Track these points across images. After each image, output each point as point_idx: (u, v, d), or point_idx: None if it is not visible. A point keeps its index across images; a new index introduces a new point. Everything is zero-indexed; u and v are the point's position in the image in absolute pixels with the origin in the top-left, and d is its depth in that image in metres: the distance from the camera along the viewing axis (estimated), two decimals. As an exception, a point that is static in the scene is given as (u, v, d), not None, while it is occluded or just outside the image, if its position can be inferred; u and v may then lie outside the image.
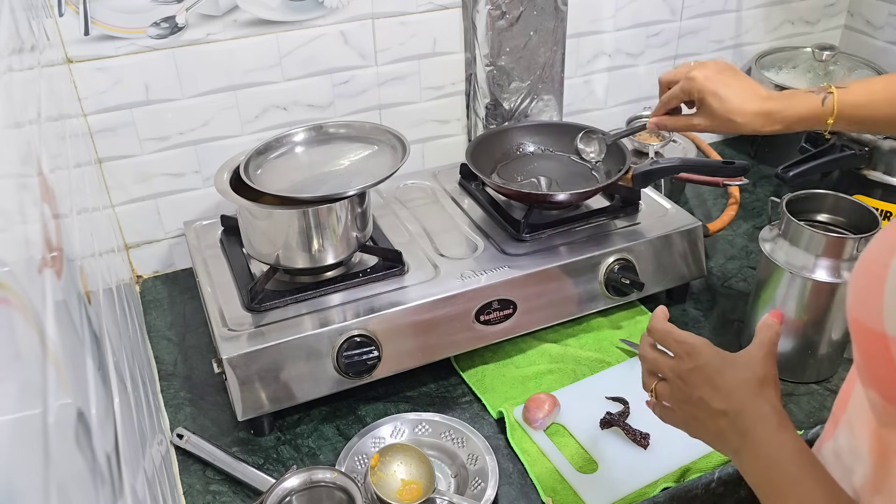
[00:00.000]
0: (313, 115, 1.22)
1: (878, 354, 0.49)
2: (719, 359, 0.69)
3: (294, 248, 0.97)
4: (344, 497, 0.80)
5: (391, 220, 1.14)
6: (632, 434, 0.92)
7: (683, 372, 0.70)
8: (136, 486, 0.57)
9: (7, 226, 0.39)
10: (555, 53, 1.32)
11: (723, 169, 1.07)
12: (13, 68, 0.56)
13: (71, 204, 0.68)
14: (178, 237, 1.24)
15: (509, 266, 1.02)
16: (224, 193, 0.97)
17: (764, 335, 0.70)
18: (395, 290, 0.99)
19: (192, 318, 1.16)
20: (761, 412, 0.65)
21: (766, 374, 0.68)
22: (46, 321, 0.41)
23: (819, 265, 0.94)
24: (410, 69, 1.26)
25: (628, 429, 0.92)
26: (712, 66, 0.95)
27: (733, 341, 1.09)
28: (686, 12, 1.44)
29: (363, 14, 1.18)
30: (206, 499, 0.88)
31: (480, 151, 1.18)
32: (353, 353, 0.92)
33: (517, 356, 1.06)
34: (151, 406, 0.88)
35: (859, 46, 1.57)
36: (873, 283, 0.49)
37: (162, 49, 1.09)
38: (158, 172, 1.18)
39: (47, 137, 0.64)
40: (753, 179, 1.47)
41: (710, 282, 1.21)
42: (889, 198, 1.22)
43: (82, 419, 0.44)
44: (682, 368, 0.70)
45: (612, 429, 0.94)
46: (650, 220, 1.12)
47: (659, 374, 0.73)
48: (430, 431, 0.94)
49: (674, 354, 0.72)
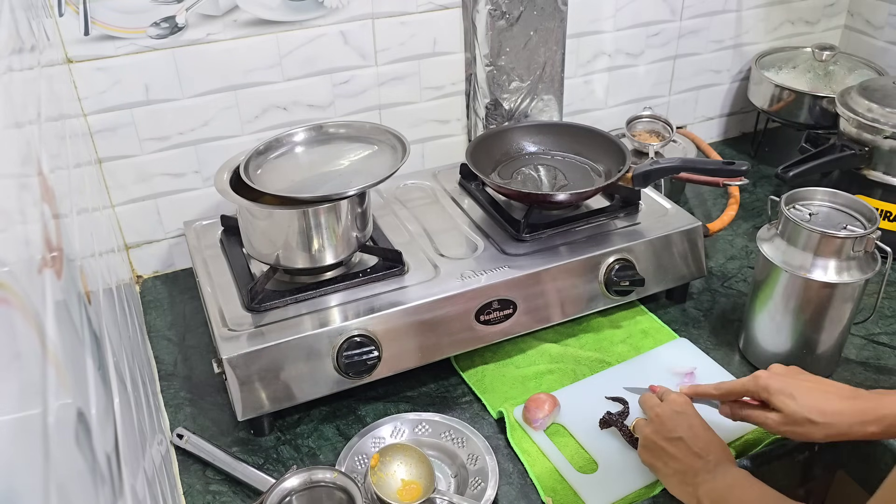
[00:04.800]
0: (313, 115, 1.22)
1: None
2: (701, 420, 0.82)
3: (294, 248, 0.97)
4: (344, 497, 0.80)
5: (391, 220, 1.14)
6: (627, 435, 0.91)
7: (668, 413, 0.82)
8: (136, 486, 0.57)
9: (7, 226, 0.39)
10: (555, 53, 1.32)
11: (723, 169, 1.07)
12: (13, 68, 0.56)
13: (71, 204, 0.68)
14: (178, 237, 1.24)
15: (509, 266, 1.02)
16: (224, 193, 0.97)
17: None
18: (395, 290, 0.99)
19: (192, 318, 1.16)
20: (733, 465, 0.77)
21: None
22: (46, 321, 0.41)
23: (816, 265, 0.94)
24: (410, 69, 1.26)
25: (625, 429, 0.92)
26: (781, 369, 0.84)
27: (733, 341, 1.09)
28: (686, 12, 1.44)
29: (363, 14, 1.18)
30: (206, 499, 0.88)
31: (480, 151, 1.18)
32: (353, 353, 0.92)
33: (517, 356, 1.06)
34: (151, 406, 0.88)
35: (859, 46, 1.57)
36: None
37: (162, 49, 1.09)
38: (158, 172, 1.18)
39: (47, 137, 0.64)
40: (753, 179, 1.48)
41: (710, 282, 1.21)
42: (889, 198, 1.22)
43: (82, 419, 0.44)
44: (668, 411, 0.83)
45: (611, 429, 0.94)
46: (650, 220, 1.12)
47: (646, 414, 0.86)
48: (430, 431, 0.94)
49: (664, 401, 0.85)
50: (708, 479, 0.75)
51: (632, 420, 0.92)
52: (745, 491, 0.73)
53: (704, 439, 0.79)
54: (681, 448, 0.79)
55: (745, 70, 1.57)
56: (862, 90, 1.25)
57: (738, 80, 1.58)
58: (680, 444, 0.79)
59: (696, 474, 0.76)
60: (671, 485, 0.80)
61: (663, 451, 0.81)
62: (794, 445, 0.93)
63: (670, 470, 0.80)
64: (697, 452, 0.78)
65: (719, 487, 0.74)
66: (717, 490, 0.74)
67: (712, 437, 0.80)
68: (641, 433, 0.85)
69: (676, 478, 0.79)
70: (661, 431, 0.82)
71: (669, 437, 0.81)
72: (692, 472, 0.77)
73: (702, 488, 0.75)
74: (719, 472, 0.75)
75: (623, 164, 1.10)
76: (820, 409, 0.77)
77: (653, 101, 1.51)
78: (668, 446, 0.80)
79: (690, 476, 0.77)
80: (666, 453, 0.80)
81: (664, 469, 0.81)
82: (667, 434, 0.81)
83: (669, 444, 0.80)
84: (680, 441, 0.80)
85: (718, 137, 1.65)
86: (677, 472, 0.79)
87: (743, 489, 0.73)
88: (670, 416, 0.82)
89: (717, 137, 1.65)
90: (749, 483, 0.74)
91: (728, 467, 0.76)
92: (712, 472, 0.76)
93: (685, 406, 0.83)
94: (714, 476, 0.75)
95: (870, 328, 1.10)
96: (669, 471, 0.80)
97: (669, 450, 0.80)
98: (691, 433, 0.80)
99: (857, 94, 1.24)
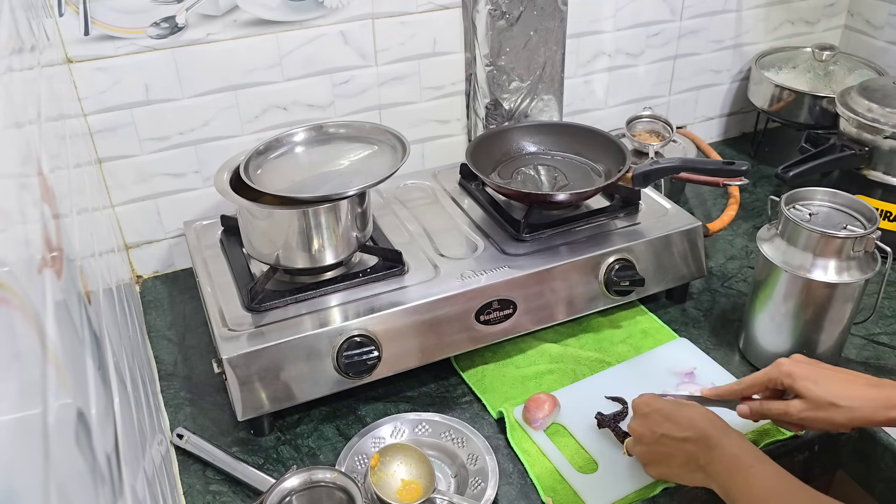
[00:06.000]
0: (313, 115, 1.22)
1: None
2: (671, 403, 0.82)
3: (294, 248, 0.97)
4: (344, 497, 0.80)
5: (391, 220, 1.14)
6: (619, 436, 0.91)
7: (639, 421, 0.82)
8: (136, 486, 0.57)
9: (7, 226, 0.39)
10: (555, 53, 1.32)
11: (723, 169, 1.07)
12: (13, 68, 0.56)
13: (71, 204, 0.68)
14: (178, 237, 1.24)
15: (509, 266, 1.02)
16: (224, 193, 0.97)
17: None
18: (395, 290, 0.99)
19: (192, 318, 1.16)
20: (726, 430, 0.77)
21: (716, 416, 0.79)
22: (46, 321, 0.41)
23: (817, 265, 0.94)
24: (410, 69, 1.26)
25: (617, 430, 0.92)
26: (803, 358, 0.83)
27: (733, 341, 1.09)
28: (686, 12, 1.44)
29: (363, 14, 1.18)
30: (206, 499, 0.88)
31: (480, 151, 1.18)
32: (353, 353, 0.92)
33: (517, 356, 1.06)
34: (151, 406, 0.88)
35: (859, 46, 1.57)
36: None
37: (162, 49, 1.09)
38: (158, 172, 1.18)
39: (47, 137, 0.64)
40: (753, 179, 1.48)
41: (710, 282, 1.21)
42: (889, 198, 1.22)
43: (82, 419, 0.44)
44: (638, 420, 0.83)
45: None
46: (650, 220, 1.12)
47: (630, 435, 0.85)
48: (430, 431, 0.94)
49: (633, 414, 0.85)
50: (711, 458, 0.74)
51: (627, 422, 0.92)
52: (749, 455, 0.73)
53: (684, 420, 0.78)
54: (668, 444, 0.78)
55: (745, 70, 1.57)
56: (862, 90, 1.25)
57: (738, 80, 1.59)
58: (666, 441, 0.79)
59: (697, 458, 0.75)
60: (687, 480, 0.78)
61: (658, 455, 0.80)
62: (795, 445, 0.93)
63: (676, 468, 0.78)
64: (684, 437, 0.77)
65: (724, 462, 0.73)
66: (723, 465, 0.73)
67: (689, 412, 0.79)
68: (634, 452, 0.85)
69: (685, 471, 0.77)
70: (644, 441, 0.81)
71: (654, 440, 0.80)
72: (692, 458, 0.76)
73: (709, 469, 0.74)
74: (714, 447, 0.74)
75: (623, 164, 1.10)
76: (844, 394, 0.77)
77: (653, 101, 1.51)
78: (658, 448, 0.80)
79: (693, 463, 0.76)
80: (662, 456, 0.80)
81: (671, 471, 0.80)
82: (650, 440, 0.81)
83: (658, 446, 0.80)
84: (664, 437, 0.79)
85: (718, 137, 1.65)
86: (682, 465, 0.77)
87: (746, 454, 0.73)
88: (641, 422, 0.82)
89: (717, 137, 1.65)
90: (748, 448, 0.74)
91: (720, 437, 0.75)
92: (709, 449, 0.75)
93: (649, 403, 0.82)
94: (711, 453, 0.74)
95: (870, 328, 1.10)
96: (676, 469, 0.79)
97: (661, 451, 0.79)
98: (668, 423, 0.79)
99: (857, 94, 1.24)
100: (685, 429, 0.77)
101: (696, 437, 0.76)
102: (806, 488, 0.69)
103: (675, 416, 0.79)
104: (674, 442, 0.78)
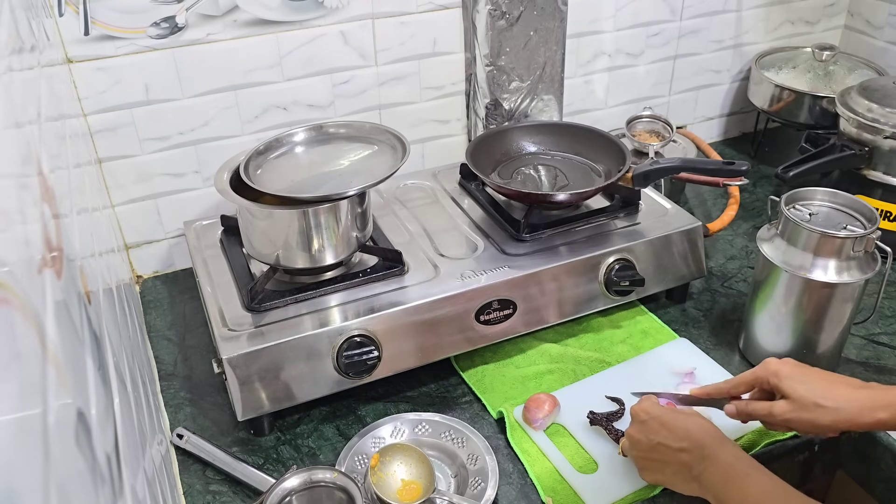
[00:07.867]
0: (313, 115, 1.22)
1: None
2: (669, 411, 0.82)
3: (294, 248, 0.97)
4: (344, 497, 0.80)
5: (391, 220, 1.14)
6: (613, 434, 0.91)
7: (637, 428, 0.82)
8: (136, 486, 0.57)
9: (7, 226, 0.39)
10: (555, 53, 1.32)
11: (723, 169, 1.07)
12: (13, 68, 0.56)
13: (71, 204, 0.68)
14: (178, 237, 1.24)
15: (509, 266, 1.02)
16: (224, 193, 0.97)
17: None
18: (395, 290, 0.99)
19: (192, 318, 1.16)
20: (722, 440, 0.77)
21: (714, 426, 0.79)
22: (46, 321, 0.41)
23: (816, 265, 0.94)
24: (410, 69, 1.26)
25: (610, 429, 0.92)
26: (792, 360, 0.83)
27: (733, 341, 1.09)
28: (686, 12, 1.44)
29: (363, 14, 1.18)
30: (206, 499, 0.88)
31: (480, 151, 1.18)
32: (353, 353, 0.92)
33: (517, 356, 1.06)
34: (151, 406, 0.88)
35: (859, 46, 1.57)
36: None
37: (162, 49, 1.09)
38: (158, 172, 1.18)
39: (47, 137, 0.64)
40: (753, 179, 1.48)
41: (710, 282, 1.21)
42: (889, 198, 1.22)
43: (82, 419, 0.44)
44: (636, 426, 0.83)
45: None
46: (650, 220, 1.12)
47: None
48: (430, 431, 0.94)
49: (631, 420, 0.85)
50: (705, 468, 0.75)
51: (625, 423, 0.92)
52: (744, 464, 0.73)
53: (680, 430, 0.78)
54: (664, 452, 0.79)
55: (745, 70, 1.57)
56: (862, 90, 1.25)
57: (738, 80, 1.59)
58: (661, 449, 0.79)
59: (691, 468, 0.76)
60: (681, 488, 0.79)
61: (653, 462, 0.81)
62: (795, 445, 0.93)
63: (670, 476, 0.79)
64: (680, 448, 0.77)
65: (719, 471, 0.74)
66: (717, 475, 0.74)
67: (686, 422, 0.79)
68: (630, 456, 0.85)
69: (679, 479, 0.78)
70: (640, 447, 0.82)
71: (650, 447, 0.80)
72: (686, 468, 0.76)
73: (703, 479, 0.74)
74: (708, 457, 0.75)
75: (623, 164, 1.10)
76: (828, 394, 0.77)
77: (653, 101, 1.51)
78: (654, 455, 0.80)
79: (687, 473, 0.76)
80: (656, 463, 0.80)
81: (666, 478, 0.80)
82: (646, 447, 0.81)
83: (653, 453, 0.80)
84: (659, 445, 0.79)
85: (718, 137, 1.65)
86: (676, 474, 0.78)
87: (741, 463, 0.74)
88: (639, 429, 0.82)
89: (717, 137, 1.65)
90: (743, 458, 0.74)
91: (715, 447, 0.75)
92: (703, 459, 0.75)
93: (648, 410, 0.83)
94: (705, 463, 0.75)
95: (870, 328, 1.10)
96: (670, 477, 0.79)
97: (657, 458, 0.80)
98: (665, 431, 0.79)
99: (857, 94, 1.24)
100: (681, 439, 0.78)
101: (690, 448, 0.77)
102: (801, 496, 0.70)
103: (671, 425, 0.79)
104: (669, 451, 0.78)
